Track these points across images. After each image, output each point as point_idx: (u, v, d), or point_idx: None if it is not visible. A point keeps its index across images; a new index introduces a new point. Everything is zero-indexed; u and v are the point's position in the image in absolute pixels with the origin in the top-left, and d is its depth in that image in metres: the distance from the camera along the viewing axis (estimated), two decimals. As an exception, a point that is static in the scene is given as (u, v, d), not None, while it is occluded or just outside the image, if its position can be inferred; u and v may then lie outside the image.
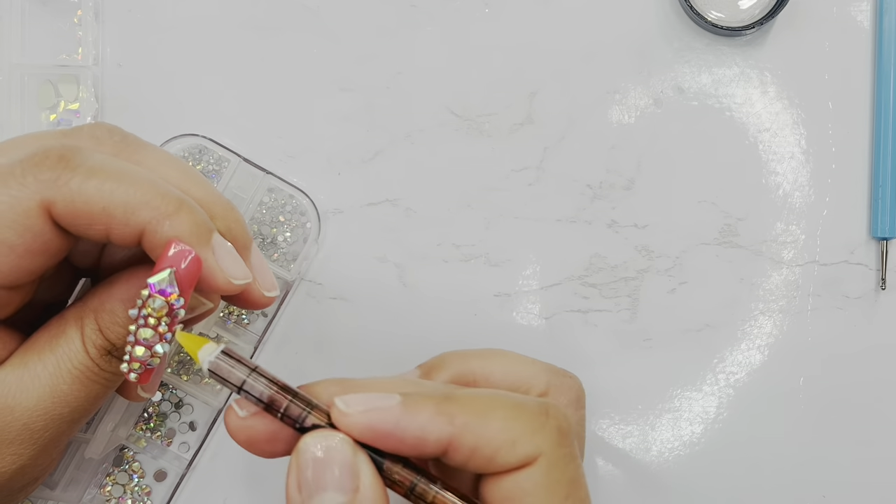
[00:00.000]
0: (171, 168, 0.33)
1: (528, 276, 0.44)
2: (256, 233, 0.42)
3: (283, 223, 0.43)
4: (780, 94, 0.44)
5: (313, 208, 0.42)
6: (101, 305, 0.32)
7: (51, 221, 0.30)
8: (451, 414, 0.29)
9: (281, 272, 0.42)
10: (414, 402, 0.30)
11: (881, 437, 0.44)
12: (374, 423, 0.29)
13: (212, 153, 0.42)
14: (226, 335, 0.42)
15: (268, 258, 0.42)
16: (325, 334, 0.43)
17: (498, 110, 0.44)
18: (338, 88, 0.44)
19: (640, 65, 0.44)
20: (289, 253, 0.43)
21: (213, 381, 0.42)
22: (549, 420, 0.30)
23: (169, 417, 0.43)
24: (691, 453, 0.43)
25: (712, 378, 0.44)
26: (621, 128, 0.44)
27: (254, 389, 0.30)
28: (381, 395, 0.30)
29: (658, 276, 0.44)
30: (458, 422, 0.29)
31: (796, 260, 0.44)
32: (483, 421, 0.30)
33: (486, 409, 0.30)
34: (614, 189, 0.44)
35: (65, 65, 0.43)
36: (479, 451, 0.30)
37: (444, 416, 0.29)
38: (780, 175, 0.44)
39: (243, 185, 0.42)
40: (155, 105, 0.43)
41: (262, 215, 0.43)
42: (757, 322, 0.44)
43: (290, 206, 0.43)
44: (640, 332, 0.44)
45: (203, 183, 0.34)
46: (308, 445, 0.29)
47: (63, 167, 0.30)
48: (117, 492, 0.43)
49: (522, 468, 0.30)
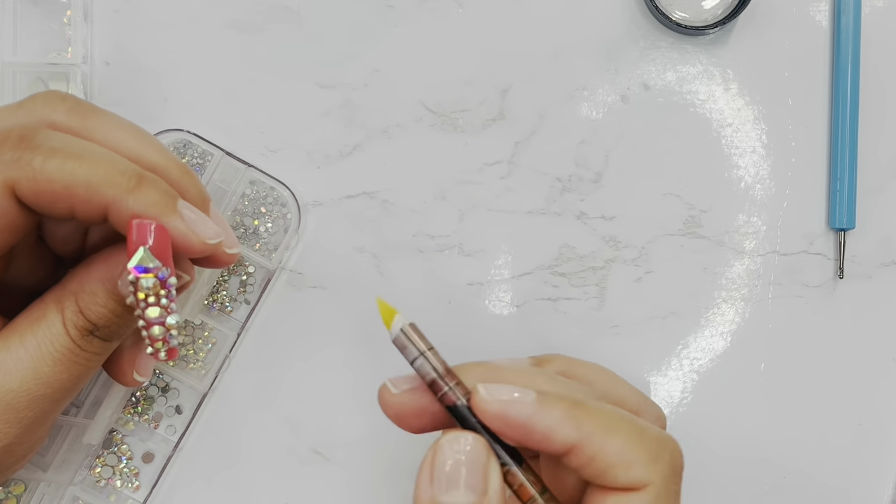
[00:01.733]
0: (125, 133, 0.34)
1: (500, 265, 0.45)
2: (239, 224, 0.44)
3: (264, 214, 0.44)
4: (742, 91, 0.46)
5: (293, 200, 0.44)
6: (80, 287, 0.33)
7: (14, 199, 0.31)
8: (579, 420, 0.31)
9: (262, 261, 0.44)
10: (548, 401, 0.31)
11: (839, 422, 0.45)
12: (510, 414, 0.31)
13: (196, 147, 0.44)
14: (210, 321, 0.44)
15: (249, 248, 0.44)
16: (305, 322, 0.45)
17: (471, 106, 0.45)
18: (317, 86, 0.45)
19: (607, 63, 0.46)
20: (270, 243, 0.44)
21: (199, 367, 0.44)
22: (665, 454, 0.32)
23: (156, 401, 0.45)
24: (657, 436, 0.45)
25: (677, 363, 0.45)
26: (590, 123, 0.46)
27: (424, 365, 0.32)
28: (519, 389, 0.32)
29: (625, 265, 0.45)
30: (584, 430, 0.31)
31: (757, 250, 0.46)
32: (607, 436, 0.31)
33: (613, 424, 0.31)
34: (583, 182, 0.46)
35: (55, 63, 0.45)
36: (596, 463, 0.31)
37: (573, 422, 0.31)
38: (742, 168, 0.46)
39: (226, 177, 0.44)
40: (141, 101, 0.45)
41: (244, 207, 0.44)
42: (720, 310, 0.46)
43: (272, 197, 0.44)
44: (607, 320, 0.45)
45: (158, 146, 0.35)
46: (447, 444, 0.31)
47: (24, 147, 0.31)
48: (107, 473, 0.44)
49: (631, 491, 0.31)
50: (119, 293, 0.33)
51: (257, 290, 0.44)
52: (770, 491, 0.45)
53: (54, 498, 0.43)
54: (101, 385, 0.43)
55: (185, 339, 0.44)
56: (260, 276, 0.45)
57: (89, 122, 0.34)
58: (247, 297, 0.45)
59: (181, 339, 0.44)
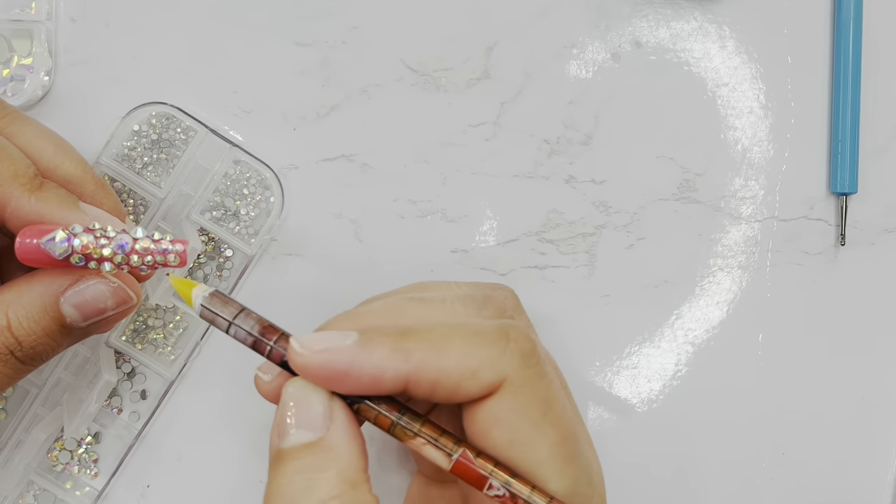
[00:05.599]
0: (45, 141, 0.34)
1: (484, 231, 0.43)
2: (219, 204, 0.42)
3: (246, 196, 0.42)
4: (739, 49, 0.44)
5: (278, 183, 0.42)
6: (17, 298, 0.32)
7: None
8: (407, 350, 0.29)
9: (241, 246, 0.42)
10: (369, 339, 0.29)
11: (840, 395, 0.43)
12: (329, 362, 0.29)
13: (179, 122, 0.42)
14: (181, 305, 0.42)
15: (229, 231, 0.42)
16: (281, 290, 0.43)
17: (455, 65, 0.43)
18: (293, 43, 0.43)
19: (597, 19, 0.44)
20: (251, 227, 0.42)
21: (168, 352, 0.42)
22: (509, 343, 0.30)
23: (120, 385, 0.43)
24: (649, 410, 0.43)
25: (671, 334, 0.43)
26: (579, 83, 0.44)
27: (239, 332, 0.30)
28: (338, 334, 0.29)
29: (616, 231, 0.43)
30: (414, 358, 0.29)
31: (755, 216, 0.44)
32: (440, 354, 0.29)
33: (443, 341, 0.30)
34: (572, 144, 0.43)
35: (18, 19, 0.42)
36: (440, 385, 0.29)
37: (400, 353, 0.29)
38: (738, 130, 0.44)
39: (209, 156, 0.42)
40: (108, 59, 0.43)
41: (225, 187, 0.42)
42: (715, 278, 0.44)
43: (255, 179, 0.42)
44: (597, 289, 0.43)
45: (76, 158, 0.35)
46: (283, 395, 0.30)
47: None
48: (64, 458, 0.42)
49: (490, 396, 0.30)
50: (58, 312, 0.32)
51: (234, 276, 0.42)
52: (768, 467, 0.43)
53: (8, 482, 0.41)
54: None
55: (156, 322, 0.42)
56: (238, 260, 0.42)
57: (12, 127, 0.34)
58: (223, 282, 0.42)
59: None
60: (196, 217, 0.41)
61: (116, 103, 0.42)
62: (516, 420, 0.30)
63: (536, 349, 0.31)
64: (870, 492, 0.43)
